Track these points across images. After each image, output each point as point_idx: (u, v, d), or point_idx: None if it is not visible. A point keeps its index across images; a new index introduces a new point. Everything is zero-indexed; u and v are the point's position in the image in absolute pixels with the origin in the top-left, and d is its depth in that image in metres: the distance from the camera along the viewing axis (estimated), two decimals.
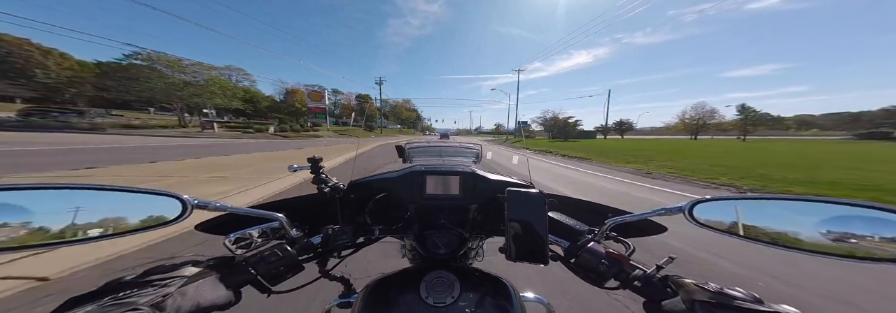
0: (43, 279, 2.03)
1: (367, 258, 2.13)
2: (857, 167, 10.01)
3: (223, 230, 0.63)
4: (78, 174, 5.77)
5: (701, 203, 0.50)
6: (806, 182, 7.15)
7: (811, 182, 7.13)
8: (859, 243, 0.39)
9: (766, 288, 2.22)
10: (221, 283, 0.45)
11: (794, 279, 2.35)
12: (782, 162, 11.98)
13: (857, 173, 8.50)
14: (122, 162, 7.84)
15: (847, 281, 2.29)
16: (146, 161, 8.03)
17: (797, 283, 2.27)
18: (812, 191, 6.26)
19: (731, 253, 2.78)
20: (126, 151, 11.15)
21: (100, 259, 2.32)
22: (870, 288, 2.21)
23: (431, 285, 0.54)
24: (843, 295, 2.13)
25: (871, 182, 6.88)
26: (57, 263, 2.15)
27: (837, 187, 6.53)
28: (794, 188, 6.50)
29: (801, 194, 0.48)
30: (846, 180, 7.24)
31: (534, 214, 0.55)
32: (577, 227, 0.65)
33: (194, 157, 9.19)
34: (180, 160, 8.42)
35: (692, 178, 7.93)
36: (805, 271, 2.45)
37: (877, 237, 0.39)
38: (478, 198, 0.72)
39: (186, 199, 0.46)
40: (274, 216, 0.57)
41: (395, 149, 1.49)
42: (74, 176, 5.60)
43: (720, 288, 0.41)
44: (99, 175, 5.74)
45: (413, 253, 0.78)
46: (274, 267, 0.52)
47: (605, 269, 0.52)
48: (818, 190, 6.34)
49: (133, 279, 0.38)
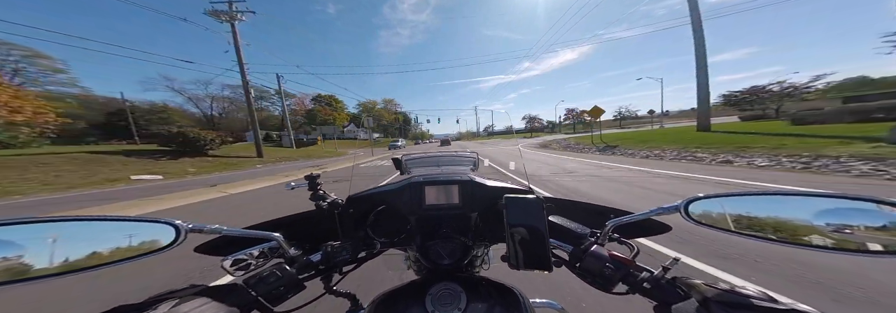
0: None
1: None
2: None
3: (221, 252, 0.63)
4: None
5: (695, 200, 0.50)
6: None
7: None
8: (854, 236, 0.39)
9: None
10: (223, 307, 0.45)
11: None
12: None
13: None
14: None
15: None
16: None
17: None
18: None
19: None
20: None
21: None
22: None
23: (437, 298, 0.54)
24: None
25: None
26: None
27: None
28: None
29: (794, 190, 0.48)
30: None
31: (533, 220, 0.54)
32: (579, 231, 0.64)
33: None
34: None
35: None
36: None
37: (872, 229, 0.39)
38: (478, 205, 0.72)
39: (180, 225, 0.46)
40: (270, 236, 0.57)
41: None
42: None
43: (731, 287, 0.41)
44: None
45: (418, 264, 0.77)
46: (273, 287, 0.51)
47: (611, 273, 0.51)
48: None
49: (137, 304, 0.39)
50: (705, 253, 2.66)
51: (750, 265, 2.41)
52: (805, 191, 0.44)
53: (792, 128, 15.26)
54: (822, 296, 1.95)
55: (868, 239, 0.38)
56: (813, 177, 5.80)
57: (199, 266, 2.85)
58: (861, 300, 1.88)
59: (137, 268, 2.59)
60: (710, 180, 6.07)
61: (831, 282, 2.07)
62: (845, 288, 1.99)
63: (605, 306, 1.89)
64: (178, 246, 0.47)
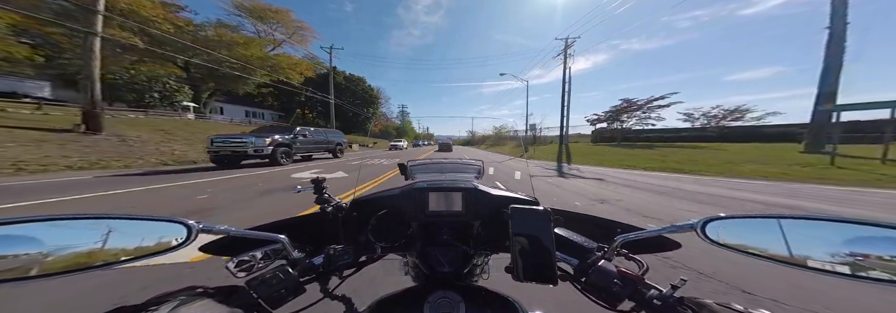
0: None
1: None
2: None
3: (226, 252, 0.64)
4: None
5: (713, 220, 0.48)
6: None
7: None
8: (882, 264, 0.37)
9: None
10: (225, 309, 0.45)
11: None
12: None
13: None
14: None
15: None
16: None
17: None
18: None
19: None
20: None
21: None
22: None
23: (435, 306, 0.53)
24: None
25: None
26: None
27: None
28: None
29: (817, 213, 0.46)
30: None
31: (539, 232, 0.53)
32: (586, 244, 0.63)
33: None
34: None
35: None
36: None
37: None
38: (481, 213, 0.71)
39: (191, 224, 0.47)
40: (276, 237, 0.57)
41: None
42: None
43: (745, 309, 0.39)
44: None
45: (416, 270, 0.77)
46: (275, 290, 0.51)
47: (618, 289, 0.50)
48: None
49: (137, 305, 0.39)
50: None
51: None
52: (833, 216, 0.42)
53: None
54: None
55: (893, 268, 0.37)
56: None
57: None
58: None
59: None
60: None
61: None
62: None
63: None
64: (189, 245, 0.47)
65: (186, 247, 0.47)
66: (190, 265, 2.47)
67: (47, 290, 2.10)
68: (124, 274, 2.29)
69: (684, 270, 2.53)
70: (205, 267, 2.45)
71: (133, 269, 2.46)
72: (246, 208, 4.62)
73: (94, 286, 2.16)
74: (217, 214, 4.23)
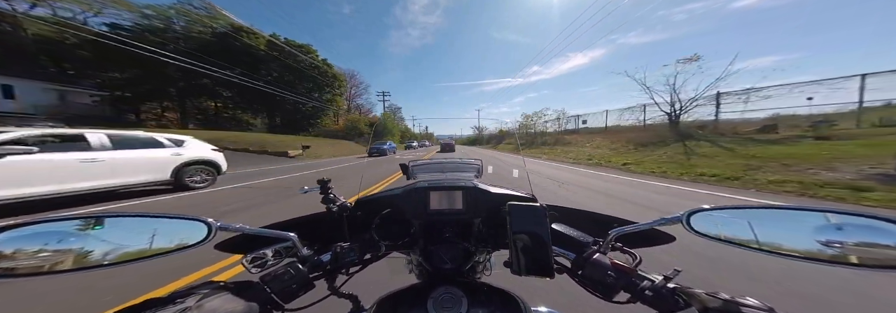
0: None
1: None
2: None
3: (240, 249, 0.67)
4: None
5: (698, 212, 0.51)
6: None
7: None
8: (854, 250, 0.40)
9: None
10: (242, 302, 0.48)
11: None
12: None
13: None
14: None
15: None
16: None
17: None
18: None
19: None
20: None
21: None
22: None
23: (439, 301, 0.55)
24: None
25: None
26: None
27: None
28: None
29: (798, 205, 0.49)
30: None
31: (537, 228, 0.56)
32: (581, 239, 0.65)
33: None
34: None
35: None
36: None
37: (871, 244, 0.40)
38: (481, 211, 0.73)
39: (211, 223, 0.50)
40: (286, 235, 0.60)
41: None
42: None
43: (731, 297, 0.41)
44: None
45: (419, 268, 0.79)
46: (286, 285, 0.54)
47: (613, 281, 0.52)
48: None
49: (165, 297, 0.42)
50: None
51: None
52: (810, 206, 0.45)
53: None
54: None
55: (868, 254, 0.39)
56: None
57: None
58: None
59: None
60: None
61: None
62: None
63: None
64: (208, 243, 0.50)
65: (205, 244, 0.50)
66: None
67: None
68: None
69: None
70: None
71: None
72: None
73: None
74: None
